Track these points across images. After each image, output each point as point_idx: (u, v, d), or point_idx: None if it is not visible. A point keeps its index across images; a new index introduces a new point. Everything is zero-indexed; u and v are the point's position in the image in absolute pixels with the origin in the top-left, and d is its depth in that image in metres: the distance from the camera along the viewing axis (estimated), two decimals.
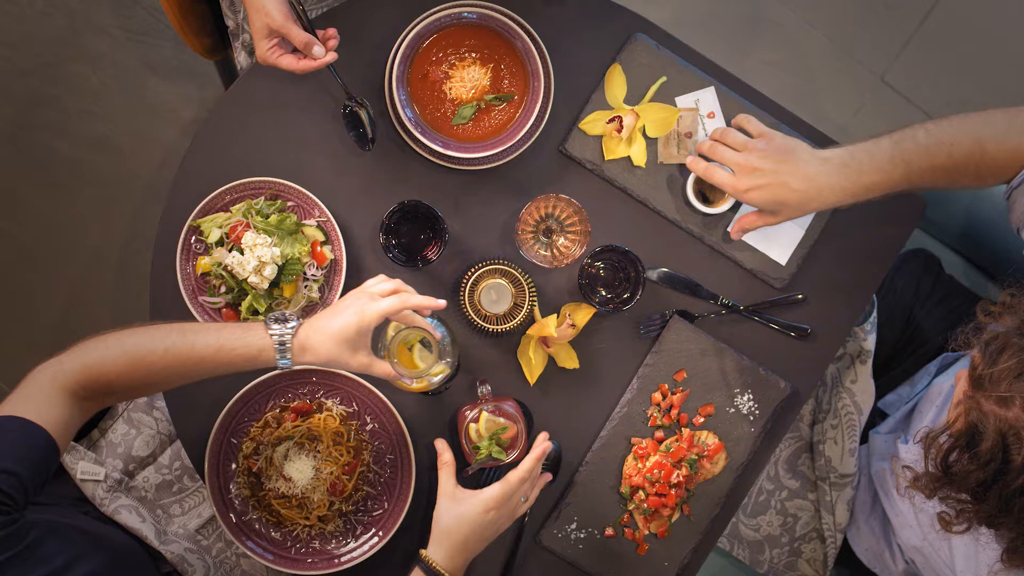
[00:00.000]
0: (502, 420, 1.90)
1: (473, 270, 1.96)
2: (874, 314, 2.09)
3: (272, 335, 1.70)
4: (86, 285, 3.06)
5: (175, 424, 2.01)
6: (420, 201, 1.94)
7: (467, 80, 1.99)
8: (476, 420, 1.90)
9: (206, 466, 1.96)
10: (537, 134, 2.00)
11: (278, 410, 1.99)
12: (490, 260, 1.97)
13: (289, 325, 1.71)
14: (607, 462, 2.04)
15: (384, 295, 1.74)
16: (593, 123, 2.03)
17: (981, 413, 1.55)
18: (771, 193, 1.84)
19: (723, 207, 2.00)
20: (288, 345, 1.70)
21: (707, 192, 2.03)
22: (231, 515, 1.98)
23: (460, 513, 1.84)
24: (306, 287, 1.97)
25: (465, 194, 2.04)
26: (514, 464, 1.90)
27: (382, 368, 1.74)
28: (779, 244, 2.05)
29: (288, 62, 1.86)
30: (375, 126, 1.97)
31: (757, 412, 2.03)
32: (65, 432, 1.62)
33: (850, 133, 3.14)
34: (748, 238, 2.05)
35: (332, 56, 1.87)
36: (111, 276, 3.05)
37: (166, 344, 1.68)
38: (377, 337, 1.78)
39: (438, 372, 1.85)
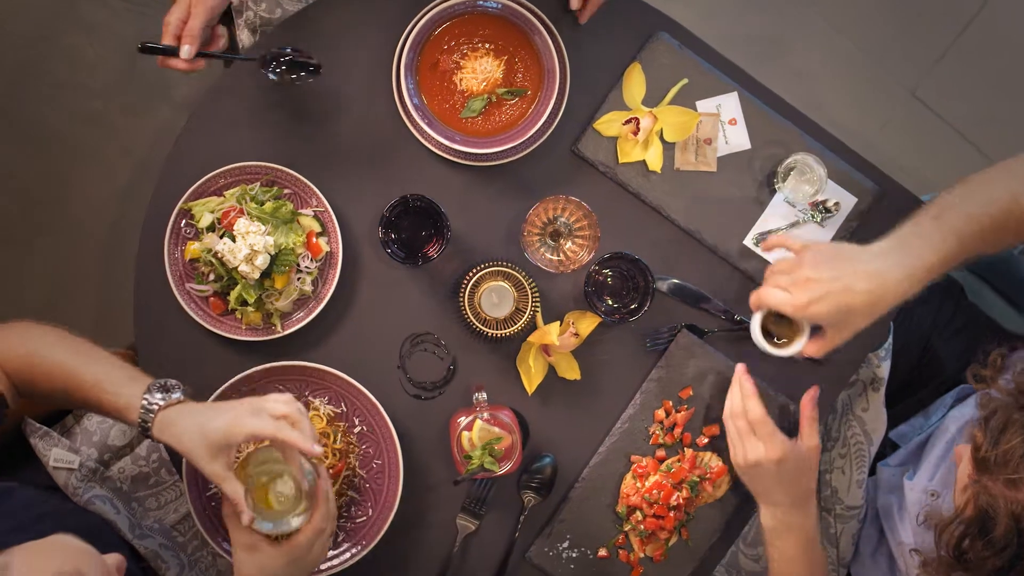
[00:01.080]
0: (497, 430, 1.89)
1: (475, 271, 1.95)
2: (889, 340, 2.09)
3: (143, 400, 1.71)
4: (70, 266, 3.05)
5: None
6: (423, 196, 1.93)
7: (479, 72, 1.98)
8: (470, 428, 1.89)
9: (184, 461, 1.95)
10: (549, 133, 2.00)
11: None
12: (493, 261, 1.96)
13: (167, 396, 1.71)
14: (604, 479, 2.03)
15: (273, 416, 1.71)
16: (609, 124, 2.02)
17: (990, 497, 1.53)
18: (834, 301, 1.75)
19: (797, 345, 1.89)
20: (150, 418, 1.70)
21: (774, 330, 1.93)
22: (207, 513, 1.97)
23: (261, 563, 1.73)
24: (299, 279, 1.96)
25: (470, 191, 2.03)
26: (506, 476, 1.89)
27: (232, 488, 1.70)
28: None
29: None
30: (302, 53, 1.94)
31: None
32: None
33: (876, 149, 3.12)
34: (766, 254, 2.04)
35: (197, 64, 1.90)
36: (96, 257, 3.04)
37: (63, 358, 1.74)
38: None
39: (293, 525, 1.74)
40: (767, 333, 1.91)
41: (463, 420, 1.91)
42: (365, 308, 2.02)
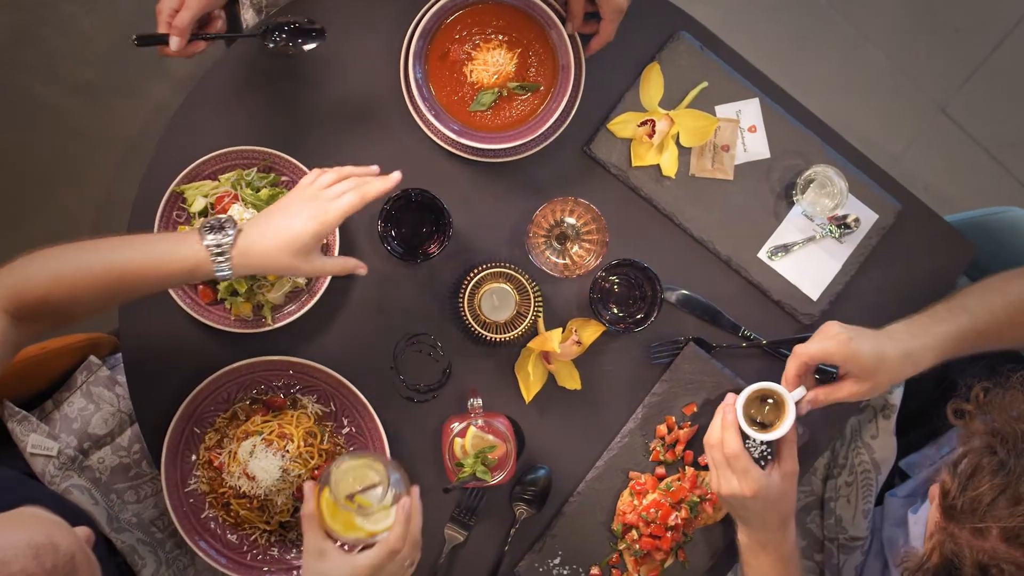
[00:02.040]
0: (491, 438, 1.89)
1: (476, 271, 1.95)
2: None
3: (208, 245, 1.70)
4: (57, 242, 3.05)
5: (134, 404, 2.00)
6: (426, 190, 1.93)
7: (491, 64, 1.98)
8: (463, 435, 1.89)
9: (164, 454, 1.95)
10: (561, 131, 2.00)
11: (248, 402, 1.99)
12: (496, 263, 1.96)
13: (228, 233, 1.71)
14: (600, 495, 2.03)
15: (338, 194, 1.74)
16: (623, 125, 2.02)
17: (956, 546, 1.52)
18: (873, 344, 1.82)
19: (780, 430, 1.89)
20: (228, 255, 1.70)
21: (757, 415, 1.93)
22: (185, 510, 1.97)
23: (326, 572, 1.71)
24: None
25: (476, 187, 2.03)
26: (499, 486, 1.89)
27: (336, 264, 1.78)
28: (812, 278, 2.05)
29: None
30: (304, 22, 1.95)
31: (770, 457, 2.01)
32: (3, 346, 1.66)
33: (901, 164, 3.13)
34: (781, 268, 2.04)
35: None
36: (82, 237, 3.03)
37: (94, 260, 1.71)
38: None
39: (383, 529, 1.72)
40: (751, 422, 1.91)
41: (456, 426, 1.91)
42: (360, 305, 2.02)
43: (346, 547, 1.72)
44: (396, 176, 1.77)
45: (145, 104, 3.05)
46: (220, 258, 1.69)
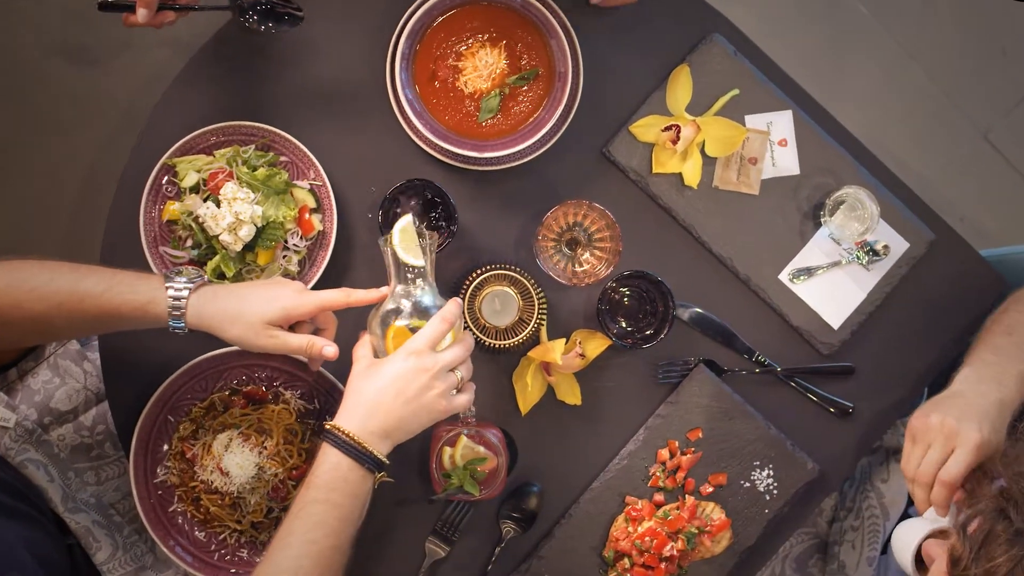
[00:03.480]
0: (482, 450, 1.89)
1: (479, 272, 1.95)
2: None
3: (168, 289, 1.71)
4: (36, 214, 3.05)
5: (106, 384, 2.01)
6: (432, 182, 1.93)
7: (482, 67, 1.97)
8: (452, 444, 1.89)
9: (134, 441, 1.95)
10: (569, 123, 2.00)
11: (228, 392, 1.99)
12: (500, 264, 1.97)
13: (191, 280, 1.73)
14: (593, 518, 2.03)
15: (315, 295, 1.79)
16: (646, 128, 2.02)
17: None
18: (992, 422, 1.72)
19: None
20: (182, 304, 1.71)
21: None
22: (153, 503, 1.97)
23: (373, 368, 1.76)
24: (284, 257, 1.97)
25: (485, 183, 2.03)
26: (486, 501, 1.89)
27: (297, 342, 1.76)
28: (835, 305, 2.05)
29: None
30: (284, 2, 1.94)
31: (775, 492, 2.02)
32: None
33: (936, 191, 3.13)
34: (802, 292, 2.04)
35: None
36: (66, 207, 3.04)
37: (48, 279, 1.70)
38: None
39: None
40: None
41: (446, 434, 1.91)
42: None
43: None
44: (383, 289, 1.81)
45: (142, 69, 3.05)
46: (178, 302, 1.71)
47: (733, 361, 2.06)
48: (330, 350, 1.78)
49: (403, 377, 1.73)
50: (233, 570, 1.98)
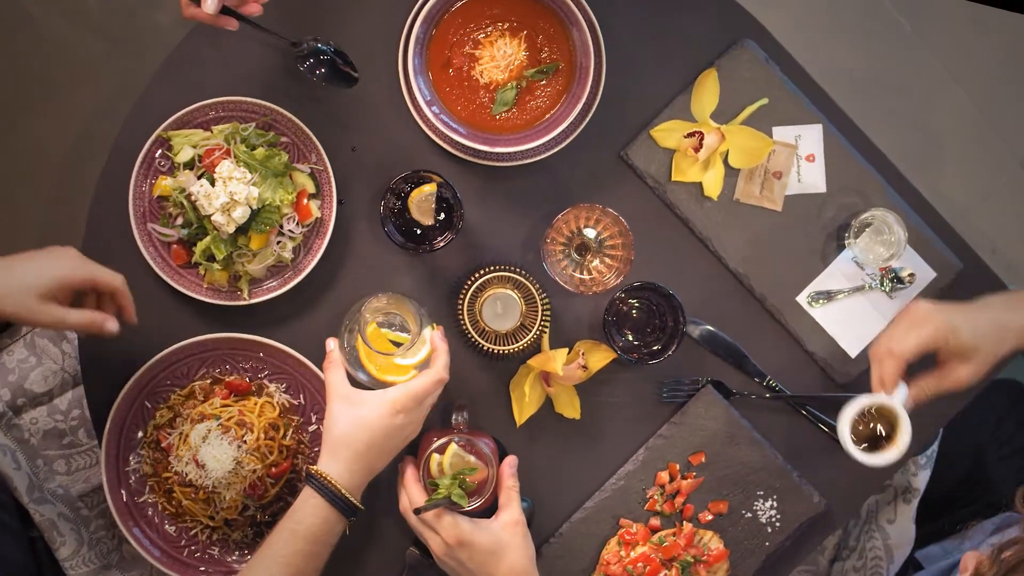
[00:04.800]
0: (472, 459, 1.90)
1: (482, 272, 1.96)
2: (934, 447, 2.09)
3: None
4: (20, 180, 3.06)
5: (83, 366, 2.01)
6: (438, 174, 1.94)
7: (499, 58, 1.98)
8: (442, 451, 1.89)
9: (108, 425, 1.95)
10: (588, 122, 2.00)
11: (210, 381, 2.00)
12: (505, 266, 1.97)
13: None
14: (585, 539, 2.03)
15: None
16: (667, 133, 2.03)
17: None
18: (971, 318, 1.84)
19: (893, 452, 1.89)
20: None
21: (866, 434, 1.93)
22: (122, 491, 1.98)
23: (360, 416, 1.81)
24: (279, 243, 1.98)
25: (495, 179, 2.04)
26: (478, 513, 1.89)
27: (76, 318, 1.76)
28: (854, 333, 2.05)
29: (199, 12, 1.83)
30: (345, 58, 1.97)
31: (778, 525, 2.02)
32: None
33: (968, 220, 3.12)
34: (820, 316, 2.04)
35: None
36: (52, 175, 3.04)
37: None
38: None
39: (418, 362, 1.87)
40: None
41: (436, 440, 1.91)
42: (347, 291, 2.03)
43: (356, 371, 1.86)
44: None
45: (144, 34, 3.06)
46: None
47: (742, 384, 2.06)
48: (111, 326, 1.78)
49: (391, 435, 1.82)
50: (203, 568, 1.98)
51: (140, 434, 1.99)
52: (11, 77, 3.07)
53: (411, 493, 1.88)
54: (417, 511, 1.87)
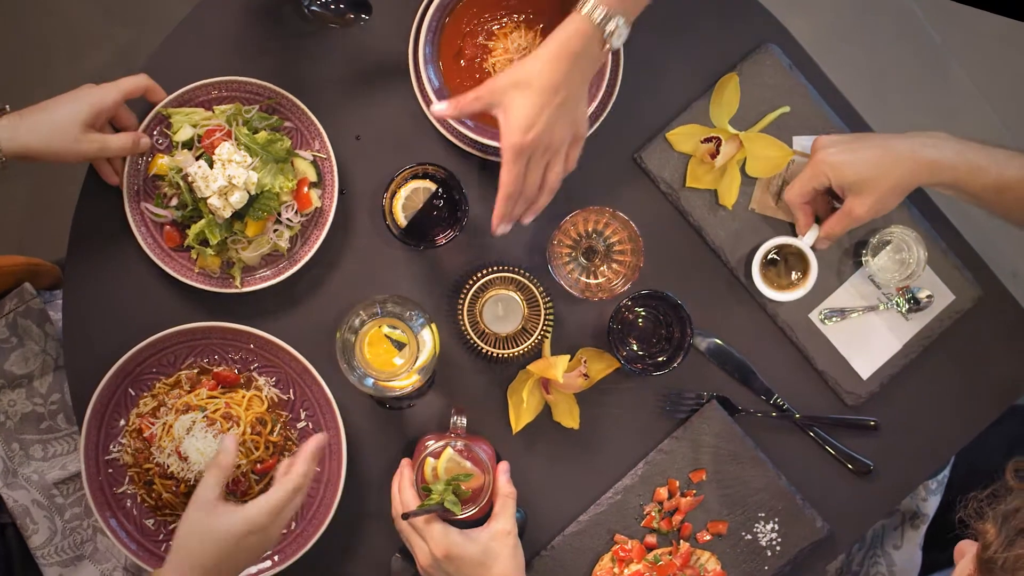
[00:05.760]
0: (468, 465, 1.90)
1: (484, 272, 1.96)
2: (946, 472, 2.09)
3: None
4: None
5: (66, 348, 2.02)
6: (443, 167, 1.94)
7: (513, 51, 1.98)
8: (437, 456, 1.90)
9: (89, 410, 1.95)
10: (604, 118, 2.01)
11: (197, 371, 2.00)
12: (508, 266, 1.97)
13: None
14: (578, 554, 2.04)
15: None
16: (684, 137, 2.03)
17: None
18: (874, 143, 1.91)
19: (798, 292, 2.01)
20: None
21: (780, 270, 2.03)
22: (101, 480, 1.98)
23: (212, 529, 1.72)
24: (276, 232, 1.98)
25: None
26: (472, 522, 1.89)
27: (120, 141, 1.89)
28: (866, 353, 2.05)
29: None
30: None
31: (778, 548, 2.03)
32: None
33: (992, 244, 3.11)
34: (832, 334, 2.05)
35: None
36: None
37: None
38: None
39: (412, 375, 1.87)
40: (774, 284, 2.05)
41: (432, 444, 1.91)
42: (344, 285, 2.03)
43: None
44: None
45: (146, 11, 3.05)
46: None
47: (748, 401, 2.07)
48: (147, 141, 1.94)
49: (242, 553, 1.73)
50: None
51: (122, 422, 1.99)
52: (11, 48, 3.07)
53: (403, 497, 1.87)
54: (406, 516, 1.86)
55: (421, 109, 2.02)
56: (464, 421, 1.94)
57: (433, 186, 1.94)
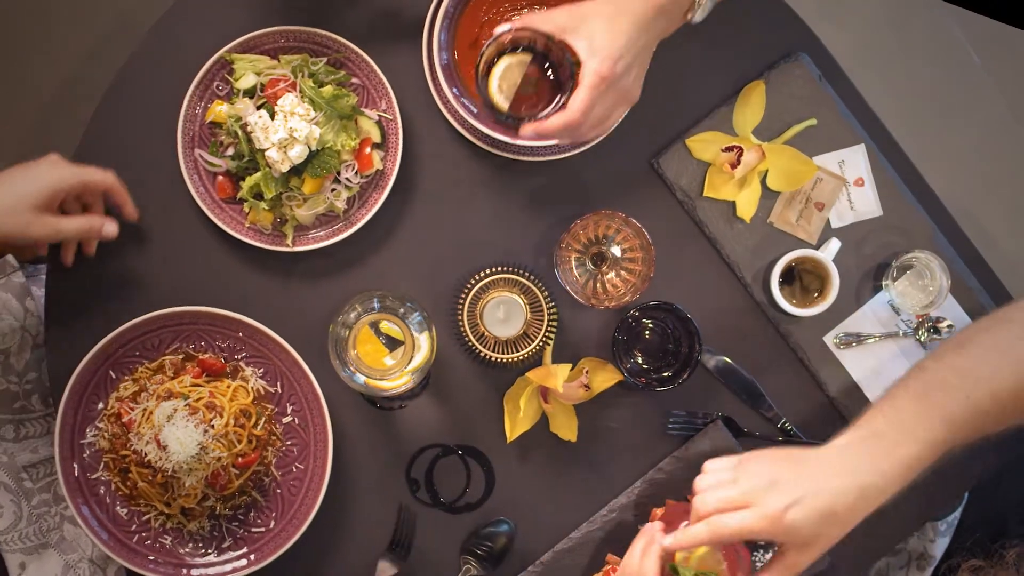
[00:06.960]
0: (724, 564, 1.81)
1: (487, 272, 1.97)
2: (957, 514, 2.09)
3: None
4: (8, 97, 3.08)
5: (47, 326, 2.02)
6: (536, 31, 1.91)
7: None
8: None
9: (67, 391, 1.95)
10: (625, 112, 2.01)
11: (182, 357, 2.00)
12: (513, 268, 1.98)
13: None
14: (567, 571, 2.04)
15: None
16: (704, 144, 2.04)
17: None
18: (811, 505, 1.64)
19: (818, 307, 2.01)
20: None
21: (795, 290, 2.04)
22: (75, 465, 1.98)
23: None
24: (333, 191, 1.98)
25: (512, 172, 2.05)
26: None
27: (75, 225, 1.86)
28: (881, 381, 2.05)
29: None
30: None
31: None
32: None
33: (1017, 272, 3.13)
34: (847, 360, 2.05)
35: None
36: (95, 84, 3.04)
37: None
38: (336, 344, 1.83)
39: (403, 376, 1.86)
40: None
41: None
42: (340, 280, 2.05)
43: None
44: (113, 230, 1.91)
45: None
46: None
47: (755, 424, 2.07)
48: (111, 228, 1.89)
49: None
50: (152, 556, 1.99)
51: (100, 405, 1.99)
52: (8, 15, 3.08)
53: (644, 566, 1.73)
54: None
55: (432, 97, 2.03)
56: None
57: (527, 56, 1.83)
